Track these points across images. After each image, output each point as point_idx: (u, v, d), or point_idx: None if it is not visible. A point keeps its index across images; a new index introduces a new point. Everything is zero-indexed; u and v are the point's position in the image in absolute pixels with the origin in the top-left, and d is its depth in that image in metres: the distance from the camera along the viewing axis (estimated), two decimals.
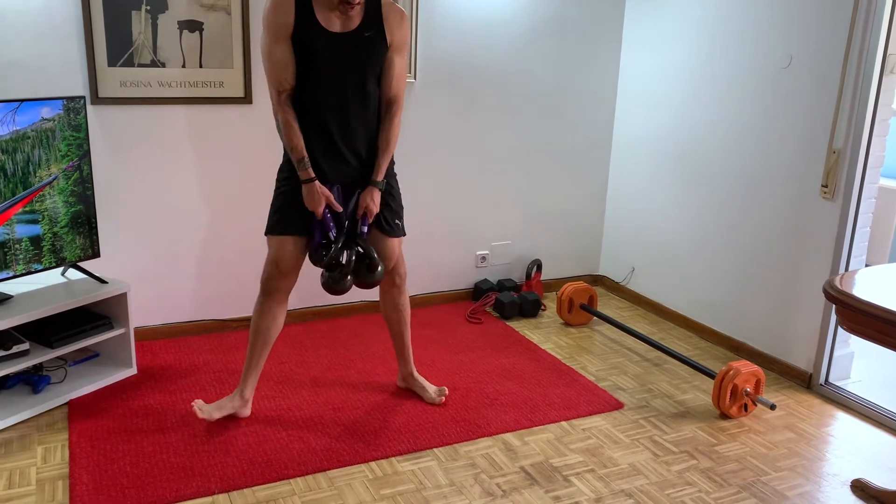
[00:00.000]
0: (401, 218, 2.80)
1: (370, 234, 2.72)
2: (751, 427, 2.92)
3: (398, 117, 2.66)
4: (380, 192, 2.67)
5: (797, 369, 3.32)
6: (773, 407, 2.91)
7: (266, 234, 2.67)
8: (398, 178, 2.80)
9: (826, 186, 3.11)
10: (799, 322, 3.30)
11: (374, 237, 2.73)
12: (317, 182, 2.56)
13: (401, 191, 2.81)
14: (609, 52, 4.13)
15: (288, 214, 2.62)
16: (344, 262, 2.57)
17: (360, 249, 2.61)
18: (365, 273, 2.63)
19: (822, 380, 3.25)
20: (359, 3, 2.46)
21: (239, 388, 2.77)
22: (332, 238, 2.60)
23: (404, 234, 2.81)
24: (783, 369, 3.37)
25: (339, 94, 2.55)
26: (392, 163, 2.73)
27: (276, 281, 2.66)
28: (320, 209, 2.57)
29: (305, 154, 2.54)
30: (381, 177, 2.66)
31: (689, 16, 3.71)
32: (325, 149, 2.59)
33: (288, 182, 2.63)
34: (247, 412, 2.80)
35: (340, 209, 2.62)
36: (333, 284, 2.59)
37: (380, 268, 2.64)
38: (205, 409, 2.67)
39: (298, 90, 2.54)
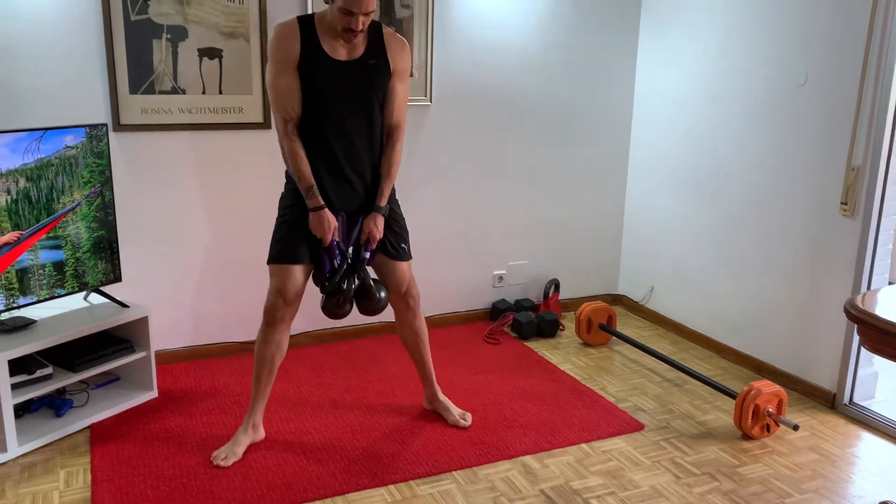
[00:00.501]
0: (406, 242, 2.82)
1: (378, 260, 2.75)
2: (774, 448, 2.88)
3: (400, 144, 2.70)
4: (383, 218, 2.70)
5: (820, 389, 3.27)
6: (796, 427, 2.87)
7: (269, 262, 2.67)
8: (413, 195, 2.82)
9: (846, 204, 3.08)
10: (822, 341, 3.26)
11: (382, 263, 2.76)
12: (325, 210, 2.60)
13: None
14: (624, 71, 4.15)
15: (291, 243, 2.64)
16: (345, 288, 2.63)
17: (361, 276, 2.67)
18: (365, 300, 2.69)
19: (846, 399, 3.20)
20: (362, 31, 2.49)
21: (248, 418, 2.77)
22: (337, 265, 2.64)
23: (411, 258, 2.83)
24: (806, 389, 3.33)
25: (344, 122, 2.59)
26: (393, 190, 2.76)
27: (280, 311, 2.65)
28: (329, 237, 2.61)
29: (313, 182, 2.58)
30: (384, 202, 2.70)
31: (704, 33, 3.72)
32: (332, 175, 2.63)
33: (291, 210, 2.66)
34: (261, 435, 2.81)
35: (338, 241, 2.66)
36: (333, 309, 2.66)
37: (382, 293, 2.70)
38: (228, 456, 2.66)
39: (305, 118, 2.57)
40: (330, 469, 2.65)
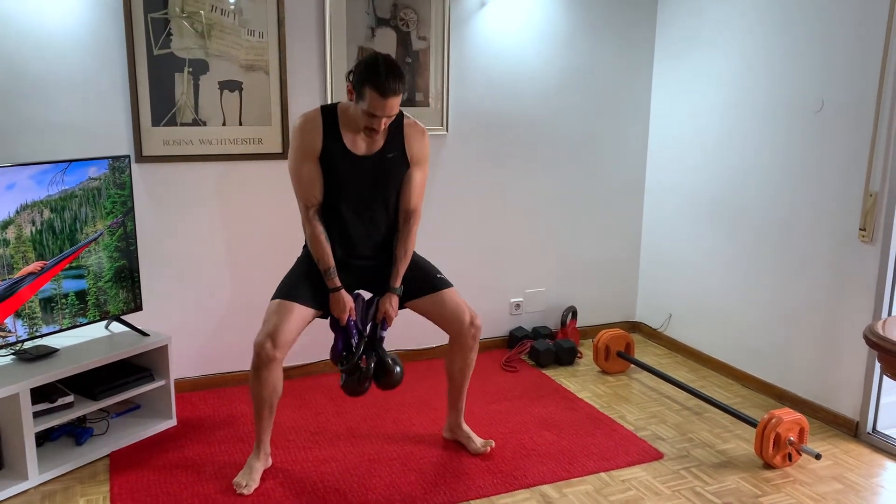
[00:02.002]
0: (440, 273, 2.87)
1: (423, 304, 2.80)
2: (796, 477, 2.84)
3: (416, 228, 2.78)
4: (398, 298, 2.77)
5: (843, 417, 3.23)
6: (818, 456, 2.83)
7: (273, 298, 2.68)
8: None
9: (864, 230, 3.07)
10: (843, 368, 3.23)
11: (427, 302, 2.80)
12: (343, 291, 2.68)
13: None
14: (639, 98, 4.17)
15: (301, 287, 2.69)
16: (363, 367, 2.69)
17: (378, 354, 2.72)
18: (382, 376, 2.74)
19: (869, 428, 3.15)
20: (383, 129, 2.58)
21: (259, 447, 2.77)
22: (354, 344, 2.70)
23: (451, 285, 2.85)
24: (828, 417, 3.29)
25: (361, 208, 2.71)
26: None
27: (270, 353, 2.57)
28: (345, 316, 2.69)
29: (332, 264, 2.67)
30: (398, 284, 2.76)
31: (719, 60, 3.74)
32: (348, 251, 2.73)
33: (302, 266, 2.76)
34: (270, 462, 2.83)
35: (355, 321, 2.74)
36: (353, 387, 2.71)
37: (398, 368, 2.76)
38: (249, 483, 2.67)
39: (325, 202, 2.68)
40: (347, 498, 2.64)
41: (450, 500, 2.65)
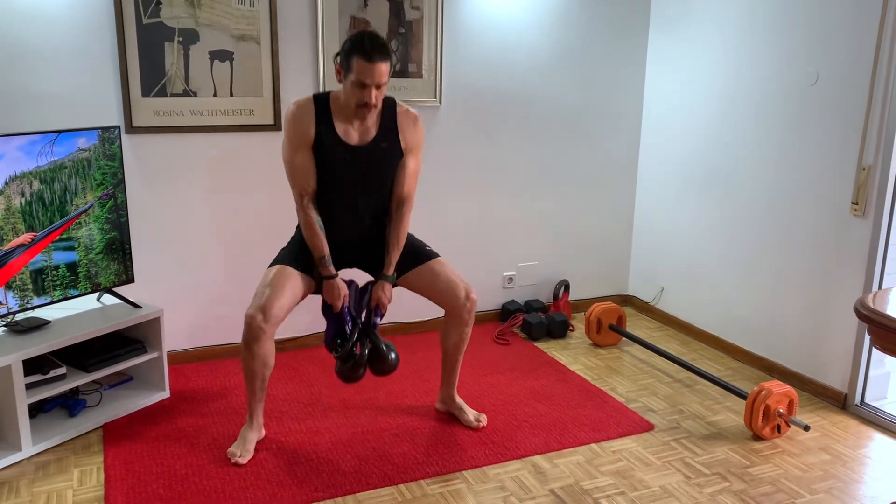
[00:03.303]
0: (427, 245, 2.88)
1: (413, 277, 2.81)
2: (784, 448, 2.88)
3: (409, 215, 2.78)
4: (391, 286, 2.77)
5: (831, 389, 3.26)
6: (807, 428, 2.87)
7: (270, 265, 2.71)
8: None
9: (857, 203, 3.08)
10: (833, 341, 3.25)
11: (417, 275, 2.80)
12: (337, 279, 2.68)
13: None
14: (634, 72, 4.15)
15: (295, 263, 2.70)
16: (357, 354, 2.69)
17: (372, 341, 2.72)
18: (376, 363, 2.74)
19: (857, 400, 3.19)
20: (376, 106, 2.55)
21: (252, 418, 2.78)
22: (349, 331, 2.70)
23: (438, 255, 2.85)
24: (817, 389, 3.32)
25: (355, 197, 2.71)
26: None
27: (260, 326, 2.56)
28: (339, 303, 2.69)
29: (327, 252, 2.67)
30: (391, 271, 2.76)
31: (713, 34, 3.72)
32: (342, 236, 2.73)
33: (298, 244, 2.75)
34: (263, 433, 2.84)
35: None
36: (348, 374, 2.71)
37: (392, 355, 2.75)
38: (243, 454, 2.68)
39: (319, 190, 2.67)
40: (341, 468, 2.66)
41: (442, 470, 2.67)
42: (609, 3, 3.98)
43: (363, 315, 2.78)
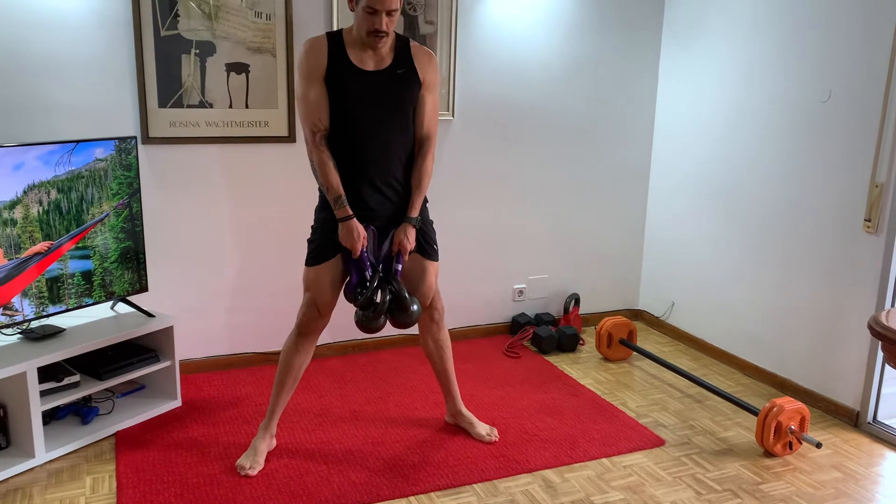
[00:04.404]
0: (436, 243, 2.83)
1: (410, 260, 2.74)
2: (796, 466, 2.86)
3: (431, 154, 2.70)
4: (414, 229, 2.69)
5: (843, 407, 3.25)
6: (818, 445, 2.85)
7: (306, 265, 2.69)
8: (434, 209, 2.85)
9: (869, 220, 3.07)
10: (845, 358, 3.24)
11: (414, 261, 2.75)
12: (354, 220, 2.58)
13: (439, 224, 2.86)
14: (646, 86, 4.16)
15: (325, 250, 2.66)
16: (378, 301, 2.58)
17: (394, 288, 2.63)
18: (398, 312, 2.65)
19: (869, 418, 3.17)
20: (387, 34, 2.50)
21: (265, 426, 2.79)
22: (368, 277, 2.62)
23: (437, 259, 2.82)
24: (829, 407, 3.30)
25: (374, 132, 2.60)
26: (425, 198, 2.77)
27: (314, 322, 2.70)
28: (358, 246, 2.59)
29: (342, 192, 2.57)
30: (415, 213, 2.69)
31: (726, 50, 3.73)
32: (363, 186, 2.62)
33: (326, 222, 2.65)
34: (274, 444, 2.85)
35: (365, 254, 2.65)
36: (367, 323, 2.60)
37: (414, 307, 2.66)
38: (253, 465, 2.69)
39: (334, 129, 2.59)
40: (351, 480, 2.66)
41: (452, 483, 2.67)
42: (622, 17, 4.00)
43: (383, 262, 2.68)
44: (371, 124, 2.59)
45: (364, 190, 2.63)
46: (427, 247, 2.78)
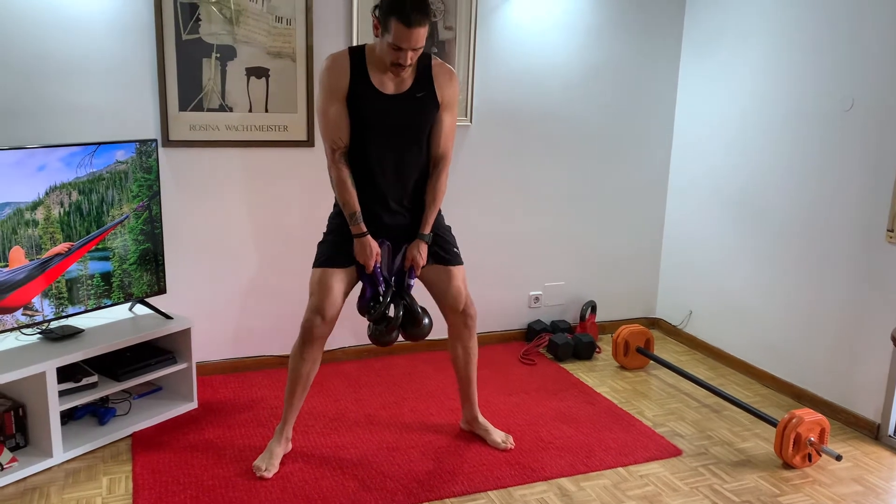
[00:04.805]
0: (456, 247, 2.84)
1: (431, 273, 2.76)
2: (815, 478, 2.83)
3: (445, 173, 2.73)
4: (426, 246, 2.73)
5: (864, 419, 3.21)
6: (838, 458, 2.82)
7: (314, 266, 2.70)
8: (450, 214, 2.86)
9: (892, 231, 3.04)
10: (865, 370, 3.20)
11: (437, 272, 2.77)
12: (368, 237, 2.63)
13: (455, 230, 2.86)
14: (665, 93, 4.14)
15: (336, 255, 2.68)
16: (391, 315, 2.64)
17: (406, 303, 2.68)
18: (410, 326, 2.70)
19: (891, 431, 3.13)
20: (410, 65, 2.52)
21: (281, 430, 2.79)
22: (381, 292, 2.66)
23: (462, 262, 2.84)
24: (849, 419, 3.26)
25: (391, 152, 2.63)
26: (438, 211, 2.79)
27: (317, 329, 2.67)
28: (371, 262, 2.64)
29: (358, 209, 2.62)
30: (428, 230, 2.72)
31: (747, 57, 3.71)
32: (377, 202, 2.67)
33: (340, 228, 2.69)
34: (290, 447, 2.85)
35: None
36: (380, 336, 2.67)
37: (426, 320, 2.71)
38: (269, 468, 2.69)
39: (353, 146, 2.62)
40: (366, 485, 2.66)
41: (467, 489, 2.66)
42: (641, 24, 3.98)
43: (395, 277, 2.71)
44: (388, 146, 2.63)
45: (378, 208, 2.68)
46: (445, 254, 2.79)
